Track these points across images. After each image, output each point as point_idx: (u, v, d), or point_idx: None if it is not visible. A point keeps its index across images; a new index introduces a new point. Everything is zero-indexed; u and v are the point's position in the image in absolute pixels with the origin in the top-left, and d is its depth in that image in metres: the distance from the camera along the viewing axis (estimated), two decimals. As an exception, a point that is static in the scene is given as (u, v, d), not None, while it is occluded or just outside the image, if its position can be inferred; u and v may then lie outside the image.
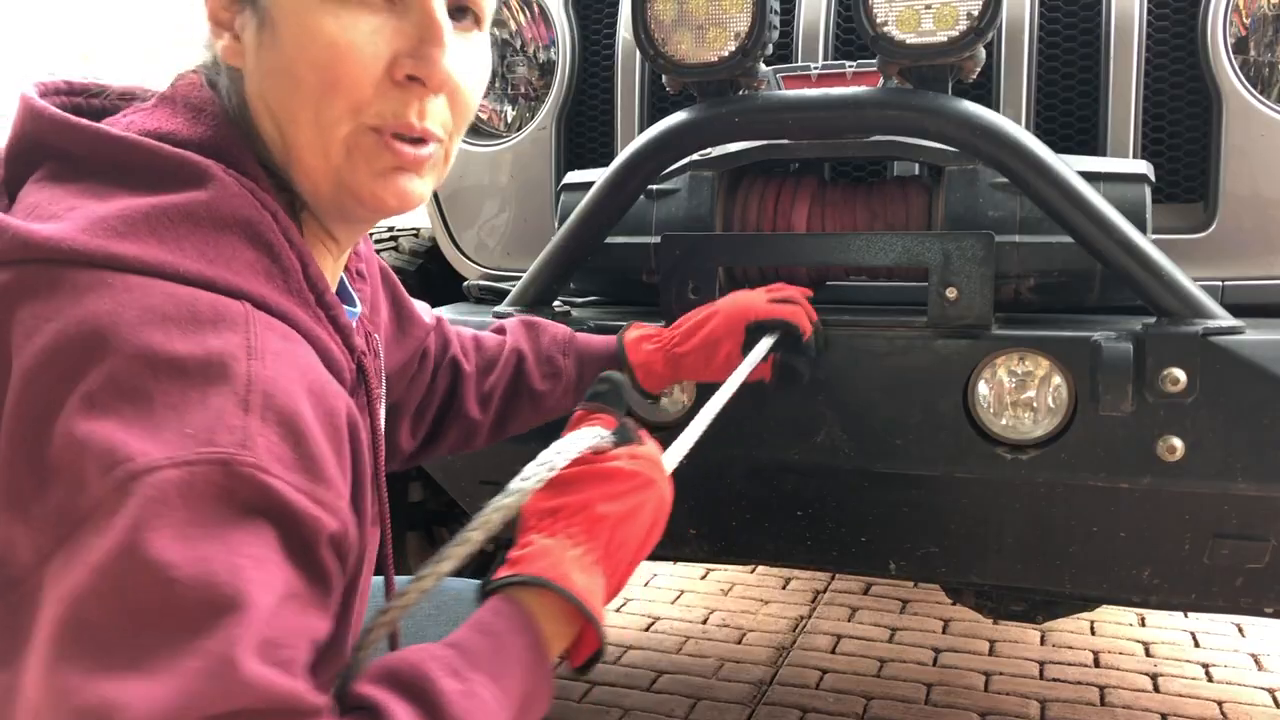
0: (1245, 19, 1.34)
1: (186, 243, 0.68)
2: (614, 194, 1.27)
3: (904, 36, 1.13)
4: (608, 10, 1.63)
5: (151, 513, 0.57)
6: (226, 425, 0.61)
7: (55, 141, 0.73)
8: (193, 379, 0.62)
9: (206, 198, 0.70)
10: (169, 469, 0.58)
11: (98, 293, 0.64)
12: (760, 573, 3.03)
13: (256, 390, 0.63)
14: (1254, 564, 1.19)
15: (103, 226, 0.67)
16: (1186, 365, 1.07)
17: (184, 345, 0.63)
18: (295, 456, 0.63)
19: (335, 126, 0.74)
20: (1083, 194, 1.11)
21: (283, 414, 0.63)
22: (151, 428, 0.60)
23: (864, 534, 1.33)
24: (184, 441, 0.59)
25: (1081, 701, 2.23)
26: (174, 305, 0.64)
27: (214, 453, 0.60)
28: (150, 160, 0.71)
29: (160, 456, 0.59)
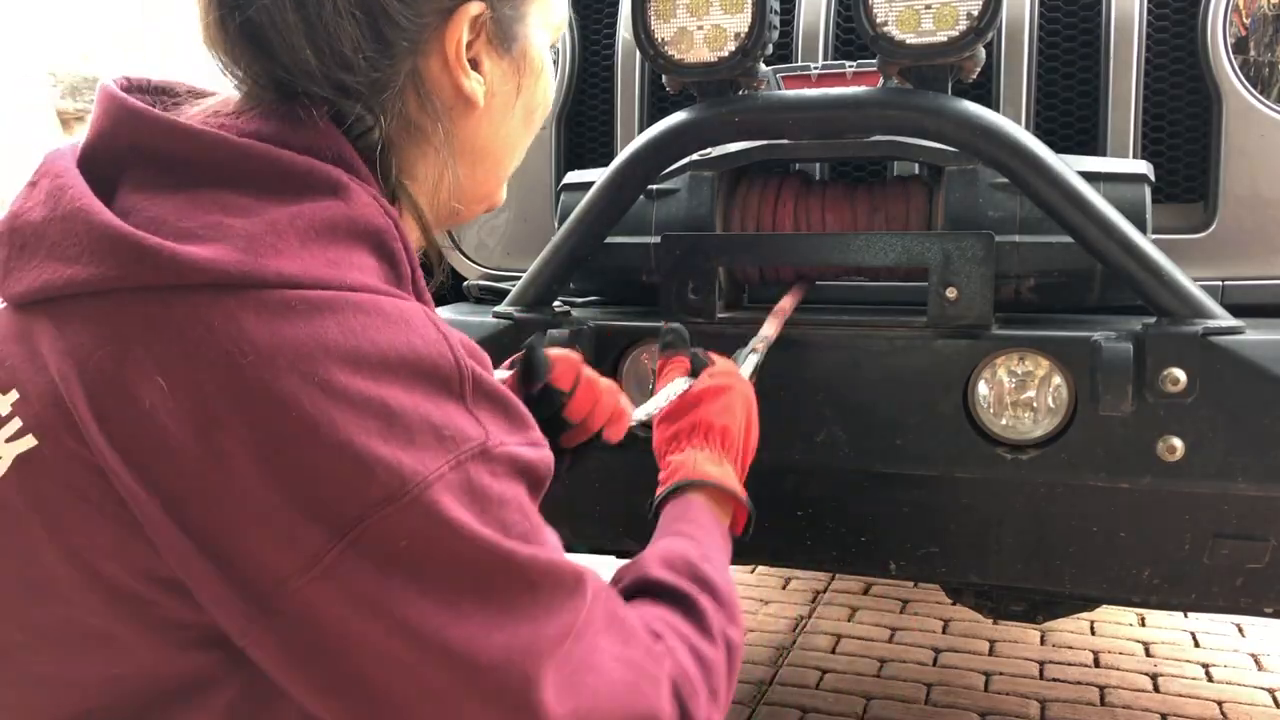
0: (1245, 19, 1.34)
1: (332, 253, 0.67)
2: (614, 194, 1.27)
3: (904, 36, 1.13)
4: (608, 10, 1.63)
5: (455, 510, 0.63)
6: (465, 422, 0.66)
7: (156, 144, 0.69)
8: (412, 383, 0.65)
9: (345, 208, 0.69)
10: (449, 472, 0.64)
11: (289, 316, 0.62)
12: (760, 573, 3.03)
13: (468, 380, 0.68)
14: (1254, 564, 1.19)
15: (257, 244, 0.64)
16: (1186, 365, 1.07)
17: (395, 352, 0.65)
18: (508, 421, 0.70)
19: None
20: (1083, 194, 1.11)
21: (489, 392, 0.69)
22: (410, 441, 0.63)
23: (864, 534, 1.33)
24: (444, 447, 0.64)
25: (1081, 701, 2.23)
26: (365, 316, 0.65)
27: (471, 448, 0.65)
28: (274, 167, 0.69)
29: (437, 465, 0.63)
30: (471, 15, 0.76)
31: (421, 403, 0.64)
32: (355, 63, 0.72)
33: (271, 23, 0.70)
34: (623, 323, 1.30)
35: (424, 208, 0.81)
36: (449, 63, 0.77)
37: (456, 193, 0.83)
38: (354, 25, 0.71)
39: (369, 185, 0.73)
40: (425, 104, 0.77)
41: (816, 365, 1.21)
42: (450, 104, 0.79)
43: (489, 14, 0.78)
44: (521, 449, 0.70)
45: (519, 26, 0.81)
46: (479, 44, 0.78)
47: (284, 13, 0.70)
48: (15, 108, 4.90)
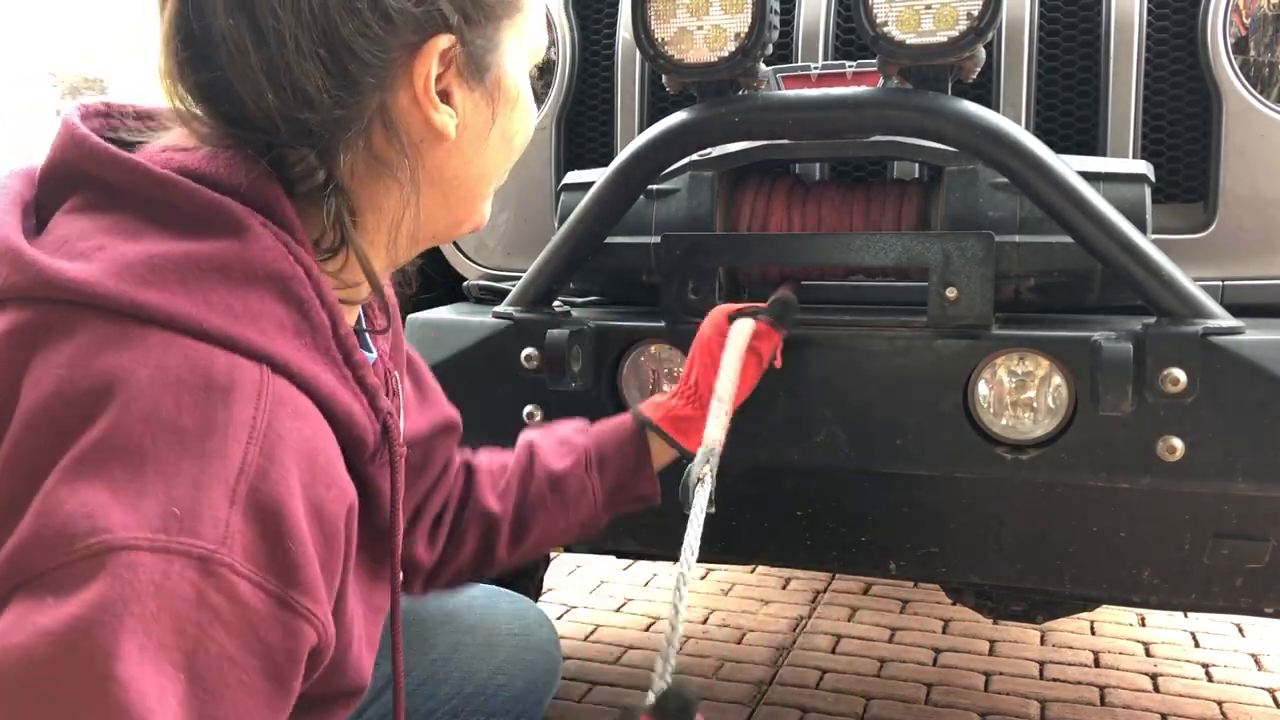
0: (1245, 19, 1.34)
1: (214, 295, 0.66)
2: (614, 194, 1.27)
3: (904, 36, 1.13)
4: (608, 10, 1.63)
5: (121, 598, 0.55)
6: (212, 516, 0.59)
7: (93, 170, 0.71)
8: (190, 452, 0.60)
9: (240, 249, 0.68)
10: (146, 553, 0.57)
11: (116, 346, 0.63)
12: (760, 573, 3.03)
13: (245, 481, 0.61)
14: (1254, 564, 1.19)
15: (131, 273, 0.65)
16: (1186, 365, 1.07)
17: (190, 416, 0.61)
18: (270, 560, 0.62)
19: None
20: (1083, 194, 1.11)
21: (265, 510, 0.62)
22: (136, 498, 0.58)
23: (864, 534, 1.33)
24: (167, 522, 0.58)
25: (1081, 701, 2.23)
26: (189, 368, 0.63)
27: (194, 545, 0.58)
28: (187, 202, 0.69)
29: (141, 536, 0.57)
30: (440, 49, 0.75)
31: (182, 472, 0.60)
32: (319, 101, 0.71)
33: (232, 63, 0.70)
34: (623, 323, 1.30)
35: (386, 242, 0.80)
36: (418, 97, 0.76)
37: (428, 222, 0.82)
38: (317, 64, 0.70)
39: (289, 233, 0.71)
40: (392, 139, 0.76)
41: (816, 365, 1.21)
42: (420, 137, 0.78)
43: (459, 46, 0.76)
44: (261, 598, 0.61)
45: (492, 56, 0.80)
46: (449, 76, 0.77)
47: (245, 55, 0.69)
48: (15, 108, 4.90)
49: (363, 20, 0.71)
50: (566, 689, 2.24)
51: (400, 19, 0.72)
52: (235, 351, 0.65)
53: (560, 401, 1.28)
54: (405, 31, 0.73)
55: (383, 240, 0.81)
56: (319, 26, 0.70)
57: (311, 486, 0.66)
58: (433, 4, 0.74)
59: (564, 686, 2.24)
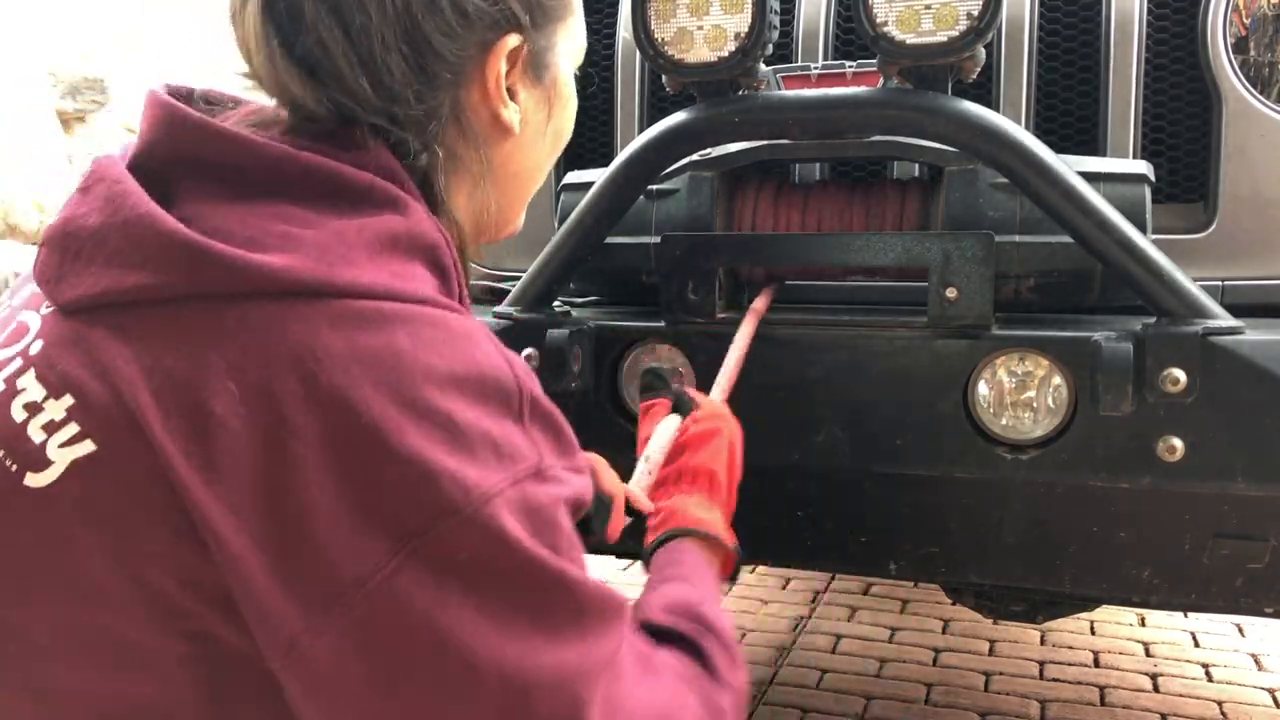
0: (1245, 19, 1.34)
1: (395, 266, 0.68)
2: (614, 194, 1.27)
3: (904, 36, 1.13)
4: (608, 10, 1.63)
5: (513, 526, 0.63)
6: (521, 441, 0.67)
7: (210, 154, 0.70)
8: (480, 399, 0.65)
9: (405, 222, 0.70)
10: (509, 488, 0.64)
11: (362, 325, 0.63)
12: (760, 573, 3.03)
13: (526, 400, 0.68)
14: (1254, 564, 1.19)
15: (329, 254, 0.65)
16: (1186, 365, 1.07)
17: (462, 366, 0.65)
18: (558, 445, 0.71)
19: None
20: (1083, 194, 1.11)
21: (544, 414, 0.71)
22: (473, 455, 0.63)
23: (864, 534, 1.33)
24: (503, 464, 0.65)
25: (1081, 701, 2.23)
26: (432, 329, 0.65)
27: (528, 467, 0.66)
28: (335, 181, 0.69)
29: (497, 479, 0.64)
30: (510, 47, 0.78)
31: (484, 418, 0.65)
32: (404, 95, 0.74)
33: (328, 55, 0.71)
34: (623, 323, 1.30)
35: (455, 236, 0.83)
36: (489, 93, 0.79)
37: (490, 218, 0.86)
38: (401, 59, 0.73)
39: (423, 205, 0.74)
40: (465, 133, 0.79)
41: (816, 365, 1.21)
42: (488, 133, 0.81)
43: (526, 45, 0.80)
44: (568, 475, 0.71)
45: (550, 55, 0.84)
46: (515, 74, 0.81)
47: (339, 45, 0.71)
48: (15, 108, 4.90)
49: (443, 18, 0.74)
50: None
51: (476, 17, 0.75)
52: (442, 309, 0.69)
53: (560, 401, 1.28)
54: (481, 29, 0.76)
55: (452, 234, 0.82)
56: (402, 23, 0.72)
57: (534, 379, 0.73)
58: (505, 4, 0.77)
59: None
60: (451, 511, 0.61)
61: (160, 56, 5.69)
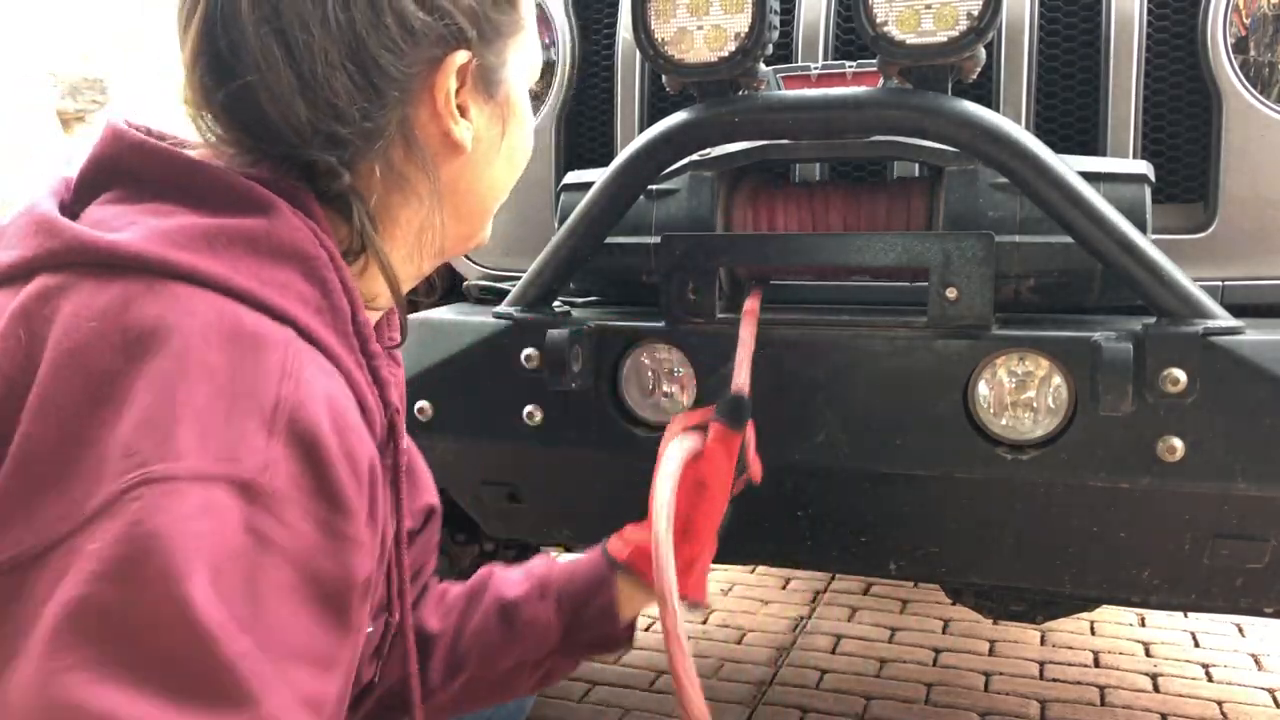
0: (1245, 19, 1.34)
1: (241, 263, 0.68)
2: (614, 194, 1.27)
3: (904, 36, 1.13)
4: (608, 10, 1.63)
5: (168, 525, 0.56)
6: (250, 446, 0.60)
7: (130, 163, 0.73)
8: (222, 392, 0.61)
9: (267, 225, 0.70)
10: (187, 481, 0.57)
11: (146, 298, 0.64)
12: (760, 573, 3.03)
13: (282, 413, 0.62)
14: (1254, 564, 1.19)
15: (161, 237, 0.67)
16: (1186, 365, 1.07)
17: (219, 356, 0.62)
18: (316, 486, 0.63)
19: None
20: (1083, 194, 1.11)
21: (305, 439, 0.62)
22: (171, 434, 0.59)
23: (864, 534, 1.33)
24: (203, 455, 0.58)
25: (1081, 701, 2.23)
26: (218, 317, 0.64)
27: (235, 472, 0.59)
28: (216, 185, 0.71)
29: (180, 467, 0.58)
30: (459, 63, 0.78)
31: (214, 409, 0.60)
32: (348, 114, 0.74)
33: (262, 78, 0.72)
34: (623, 323, 1.30)
35: (404, 255, 0.82)
36: (438, 110, 0.78)
37: (441, 236, 0.84)
38: (346, 77, 0.73)
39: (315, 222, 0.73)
40: (412, 151, 0.79)
41: (816, 365, 1.21)
42: (437, 150, 0.80)
43: (475, 61, 0.79)
44: (310, 525, 0.61)
45: (502, 71, 0.83)
46: (465, 90, 0.80)
47: (276, 69, 0.72)
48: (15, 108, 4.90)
49: (389, 35, 0.73)
50: (567, 689, 2.24)
51: (423, 33, 0.75)
52: (262, 312, 0.67)
53: (560, 401, 1.28)
54: (427, 46, 0.76)
55: (400, 254, 0.83)
56: (346, 41, 0.72)
57: (343, 433, 0.66)
58: (452, 19, 0.77)
59: (564, 686, 2.24)
60: (99, 485, 0.57)
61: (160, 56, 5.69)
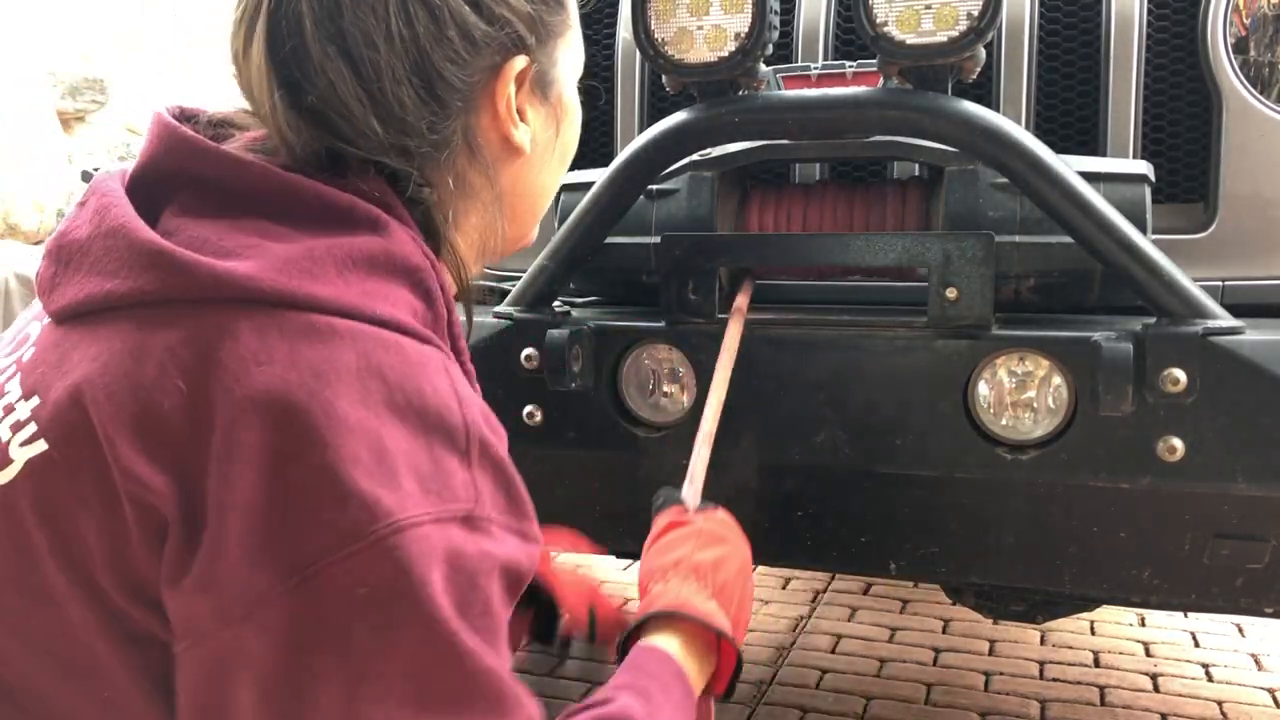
0: (1245, 19, 1.34)
1: (368, 285, 0.67)
2: (614, 194, 1.27)
3: (904, 36, 1.13)
4: (608, 10, 1.63)
5: (424, 567, 0.59)
6: (460, 480, 0.64)
7: (202, 171, 0.71)
8: (418, 429, 0.63)
9: (384, 243, 0.70)
10: (429, 524, 0.60)
11: (311, 337, 0.63)
12: (760, 573, 3.03)
13: (474, 440, 0.65)
14: (1254, 564, 1.19)
15: (294, 267, 0.65)
16: (1186, 365, 1.07)
17: (403, 394, 0.63)
18: (508, 501, 0.67)
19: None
20: (1083, 194, 1.11)
21: (495, 461, 0.67)
22: (394, 482, 0.60)
23: (864, 534, 1.33)
24: (428, 498, 0.61)
25: (1081, 701, 2.23)
26: (384, 351, 0.64)
27: (457, 509, 0.63)
28: (318, 201, 0.70)
29: (417, 512, 0.60)
30: (518, 69, 0.78)
31: (418, 448, 0.62)
32: (417, 127, 0.74)
33: (336, 97, 0.71)
34: (623, 323, 1.30)
35: (468, 258, 0.83)
36: (499, 116, 0.79)
37: (500, 237, 0.85)
38: (411, 90, 0.73)
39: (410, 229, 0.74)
40: (475, 157, 0.79)
41: (816, 365, 1.21)
42: (498, 155, 0.81)
43: (532, 65, 0.80)
44: (510, 537, 0.66)
45: (554, 71, 0.84)
46: (523, 94, 0.81)
47: (346, 86, 0.71)
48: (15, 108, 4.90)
49: (452, 47, 0.74)
50: (567, 689, 2.24)
51: (484, 43, 0.76)
52: (409, 335, 0.68)
53: (560, 401, 1.28)
54: (489, 54, 0.76)
55: (452, 262, 0.83)
56: (410, 56, 0.72)
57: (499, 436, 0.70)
58: (511, 27, 0.77)
59: (565, 686, 2.24)
60: (354, 537, 0.58)
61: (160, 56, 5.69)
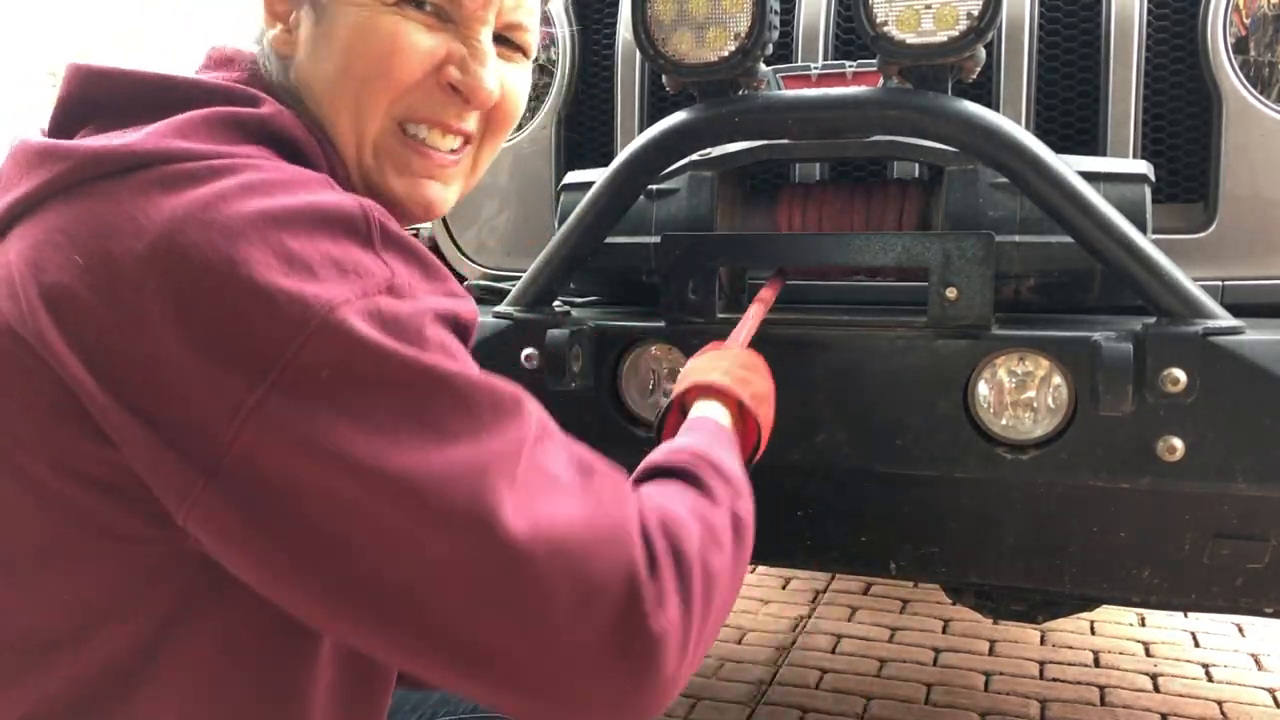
0: (1245, 19, 1.34)
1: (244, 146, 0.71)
2: (614, 194, 1.27)
3: (904, 36, 1.13)
4: (608, 10, 1.63)
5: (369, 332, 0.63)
6: (371, 262, 0.67)
7: (101, 91, 0.75)
8: (316, 226, 0.65)
9: (254, 111, 0.73)
10: (358, 301, 0.63)
11: (194, 180, 0.66)
12: (760, 573, 3.03)
13: (375, 226, 0.68)
14: (1254, 564, 1.19)
15: (168, 129, 0.69)
16: (1186, 365, 1.07)
17: (294, 199, 0.66)
18: (424, 273, 0.70)
19: (371, 118, 0.80)
20: (1083, 194, 1.11)
21: (400, 241, 0.69)
22: (311, 275, 0.63)
23: (864, 534, 1.33)
24: (348, 280, 0.64)
25: (1081, 701, 2.23)
26: (261, 171, 0.67)
27: (378, 283, 0.65)
28: (197, 90, 0.74)
29: (344, 294, 0.63)
30: None
31: (322, 243, 0.65)
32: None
33: None
34: (623, 323, 1.30)
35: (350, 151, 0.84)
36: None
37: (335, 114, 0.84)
38: None
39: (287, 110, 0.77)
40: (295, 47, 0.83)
41: (816, 365, 1.21)
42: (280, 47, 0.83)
43: None
44: (437, 297, 0.70)
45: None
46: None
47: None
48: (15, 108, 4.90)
49: None
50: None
51: None
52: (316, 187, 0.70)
53: (560, 401, 1.28)
54: None
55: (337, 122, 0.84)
56: None
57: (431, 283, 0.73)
58: None
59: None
60: (297, 328, 0.61)
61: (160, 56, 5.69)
